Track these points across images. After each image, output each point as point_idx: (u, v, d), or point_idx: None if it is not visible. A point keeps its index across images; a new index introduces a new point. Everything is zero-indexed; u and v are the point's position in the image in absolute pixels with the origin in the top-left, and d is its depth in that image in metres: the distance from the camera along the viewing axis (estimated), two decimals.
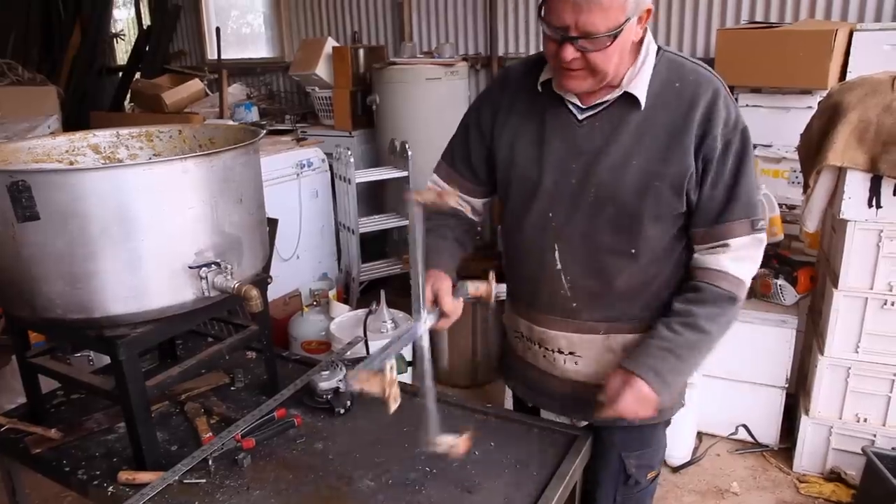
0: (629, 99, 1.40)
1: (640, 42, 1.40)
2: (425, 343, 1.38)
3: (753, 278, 2.87)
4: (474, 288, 1.51)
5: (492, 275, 1.52)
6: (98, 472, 1.54)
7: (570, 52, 1.30)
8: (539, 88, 1.48)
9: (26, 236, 1.32)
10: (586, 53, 1.30)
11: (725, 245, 1.41)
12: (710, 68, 1.44)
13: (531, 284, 1.55)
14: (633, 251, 1.44)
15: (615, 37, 1.27)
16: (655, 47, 1.43)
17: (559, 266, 1.49)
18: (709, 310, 1.42)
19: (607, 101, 1.41)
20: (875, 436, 2.68)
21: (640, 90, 1.39)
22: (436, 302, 1.44)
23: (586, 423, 1.64)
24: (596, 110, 1.42)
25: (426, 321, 1.41)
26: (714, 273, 1.43)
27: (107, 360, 1.48)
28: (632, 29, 1.31)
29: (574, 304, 1.51)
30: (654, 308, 1.50)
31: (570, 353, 1.56)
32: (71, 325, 1.43)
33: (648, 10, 1.32)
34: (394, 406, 1.26)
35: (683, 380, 1.50)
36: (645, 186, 1.39)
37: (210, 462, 1.51)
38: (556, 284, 1.51)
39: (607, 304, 1.51)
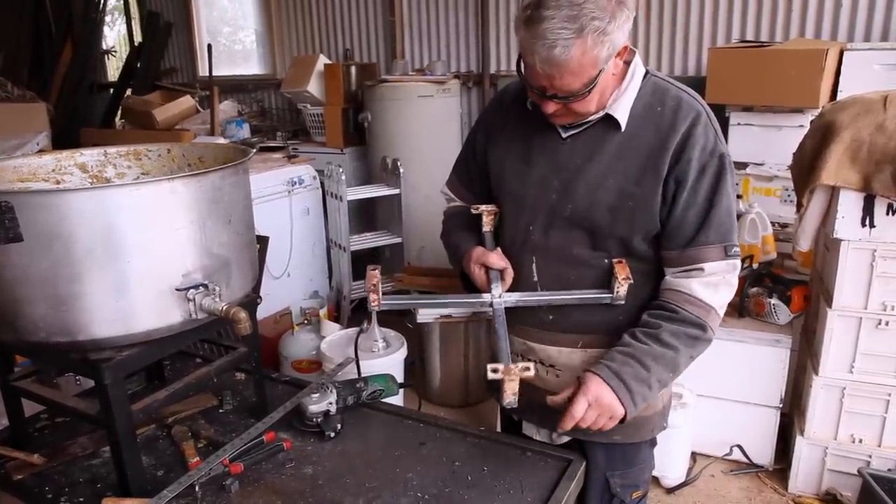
0: (611, 120, 1.43)
1: (627, 65, 1.43)
2: (500, 311, 1.50)
3: (746, 297, 2.91)
4: (486, 208, 1.62)
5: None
6: (81, 499, 1.50)
7: (551, 107, 1.37)
8: (529, 107, 1.53)
9: (9, 258, 1.29)
10: (566, 104, 1.35)
11: (699, 269, 1.42)
12: (695, 94, 1.46)
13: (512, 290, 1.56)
14: (605, 260, 1.48)
15: (592, 89, 1.32)
16: (643, 71, 1.46)
17: (536, 278, 1.53)
18: (676, 327, 1.41)
19: (591, 121, 1.45)
20: (871, 457, 2.67)
21: (622, 113, 1.42)
22: (488, 271, 1.54)
23: (567, 438, 1.63)
24: (579, 129, 1.46)
25: (497, 294, 1.51)
26: (684, 296, 1.43)
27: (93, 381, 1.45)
28: (609, 71, 1.34)
29: (550, 317, 1.54)
30: (629, 323, 1.51)
31: (551, 367, 1.58)
32: (55, 349, 1.39)
33: (625, 47, 1.34)
34: (509, 398, 1.34)
35: (647, 392, 1.41)
36: (618, 206, 1.42)
37: (197, 488, 1.47)
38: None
39: (581, 318, 1.53)
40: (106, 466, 1.60)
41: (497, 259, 1.52)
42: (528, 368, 1.31)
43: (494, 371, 1.31)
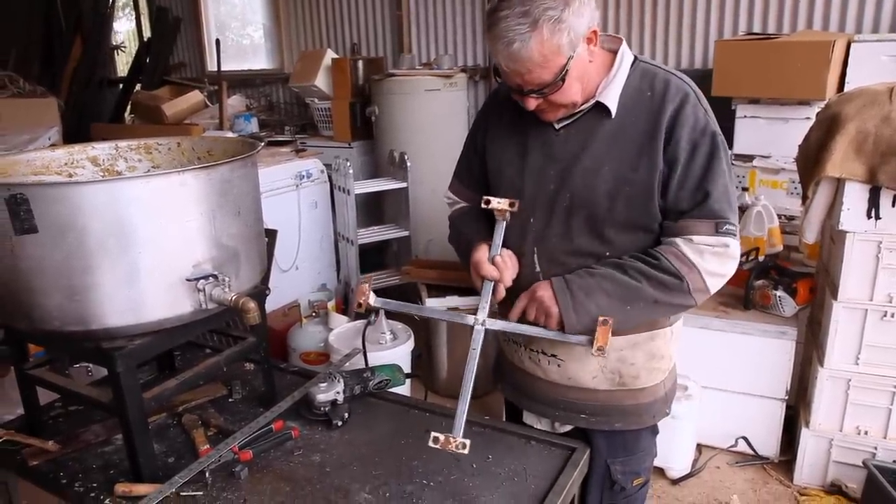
0: (602, 108, 1.45)
1: (614, 53, 1.47)
2: (478, 346, 1.48)
3: (752, 289, 2.91)
4: (497, 203, 1.53)
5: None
6: (95, 485, 1.53)
7: (531, 103, 1.41)
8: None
9: (24, 249, 1.32)
10: (545, 97, 1.39)
11: (689, 239, 1.42)
12: (683, 76, 1.48)
13: (514, 286, 1.57)
14: (607, 253, 1.49)
15: (564, 77, 1.34)
16: (631, 58, 1.48)
17: (538, 268, 1.55)
18: (647, 268, 1.42)
19: (582, 110, 1.47)
20: (876, 448, 2.67)
21: (612, 100, 1.44)
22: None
23: (569, 427, 1.66)
24: (572, 119, 1.49)
25: (481, 319, 1.50)
26: (669, 249, 1.43)
27: (106, 371, 1.48)
28: (581, 57, 1.37)
29: None
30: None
31: (553, 356, 1.60)
32: (68, 338, 1.43)
33: (594, 31, 1.37)
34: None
35: (589, 303, 1.43)
36: (616, 192, 1.44)
37: (207, 474, 1.51)
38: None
39: None
40: (118, 453, 1.64)
41: (490, 269, 1.50)
42: (464, 445, 1.35)
43: (435, 441, 1.37)
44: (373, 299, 1.55)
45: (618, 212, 1.45)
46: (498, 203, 1.53)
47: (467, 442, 1.36)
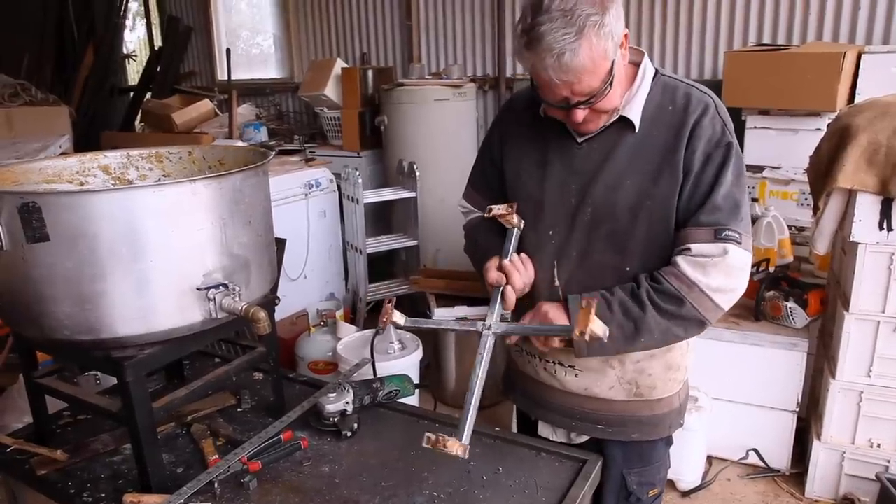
0: (625, 122, 1.44)
1: (637, 66, 1.46)
2: (486, 350, 1.48)
3: (762, 300, 2.89)
4: (497, 209, 1.55)
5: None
6: (103, 495, 1.53)
7: (579, 115, 1.38)
8: (542, 114, 1.53)
9: (36, 257, 1.32)
10: (592, 106, 1.36)
11: (687, 249, 1.40)
12: (705, 88, 1.48)
13: (531, 298, 1.57)
14: (628, 269, 1.48)
15: (612, 82, 1.34)
16: (653, 71, 1.48)
17: (557, 283, 1.54)
18: (653, 293, 1.40)
19: (604, 124, 1.46)
20: (889, 461, 2.64)
21: (635, 114, 1.44)
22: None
23: (586, 437, 1.65)
24: (593, 132, 1.47)
25: (488, 324, 1.49)
26: (668, 269, 1.42)
27: (114, 380, 1.48)
28: (620, 61, 1.36)
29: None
30: None
31: (570, 367, 1.59)
32: (78, 346, 1.42)
33: (625, 35, 1.36)
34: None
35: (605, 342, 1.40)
36: (638, 205, 1.43)
37: (216, 485, 1.50)
38: (554, 299, 1.54)
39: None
40: (127, 463, 1.63)
41: (495, 276, 1.50)
42: (464, 449, 1.33)
43: (427, 441, 1.35)
44: (398, 317, 1.56)
45: (639, 226, 1.44)
46: (498, 209, 1.53)
47: (465, 445, 1.33)
